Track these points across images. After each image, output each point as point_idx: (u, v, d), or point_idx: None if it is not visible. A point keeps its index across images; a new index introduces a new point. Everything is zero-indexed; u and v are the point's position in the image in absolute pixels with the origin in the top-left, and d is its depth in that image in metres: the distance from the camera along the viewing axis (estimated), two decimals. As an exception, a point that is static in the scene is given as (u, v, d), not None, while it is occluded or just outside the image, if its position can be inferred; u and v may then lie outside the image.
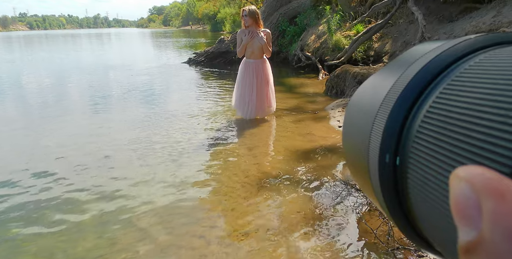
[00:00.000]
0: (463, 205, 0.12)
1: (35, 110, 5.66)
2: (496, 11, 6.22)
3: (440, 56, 0.17)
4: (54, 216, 2.40)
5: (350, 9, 9.47)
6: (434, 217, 0.14)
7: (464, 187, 0.12)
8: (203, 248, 2.03)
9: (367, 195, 0.20)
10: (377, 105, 0.19)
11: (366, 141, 0.19)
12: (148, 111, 5.19)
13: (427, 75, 0.17)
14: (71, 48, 21.78)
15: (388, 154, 0.17)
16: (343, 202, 2.50)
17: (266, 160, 3.37)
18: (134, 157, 3.40)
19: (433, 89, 0.16)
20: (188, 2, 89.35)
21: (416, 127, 0.16)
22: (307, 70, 8.73)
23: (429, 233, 0.16)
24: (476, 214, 0.11)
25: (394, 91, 0.18)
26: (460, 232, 0.12)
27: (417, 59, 0.18)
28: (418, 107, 0.16)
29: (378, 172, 0.18)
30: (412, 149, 0.16)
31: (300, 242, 2.07)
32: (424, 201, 0.15)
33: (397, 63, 0.20)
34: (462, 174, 0.12)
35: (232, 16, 32.23)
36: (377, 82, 0.21)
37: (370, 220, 2.24)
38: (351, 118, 0.23)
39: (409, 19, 7.99)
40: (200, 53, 11.03)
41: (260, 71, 4.41)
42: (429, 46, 0.18)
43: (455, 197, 0.12)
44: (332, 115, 4.69)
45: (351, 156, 0.22)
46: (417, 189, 0.15)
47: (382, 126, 0.18)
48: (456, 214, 0.12)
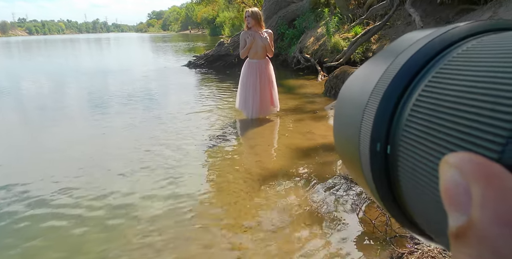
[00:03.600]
0: (452, 191, 0.12)
1: (33, 113, 5.76)
2: (492, 12, 6.32)
3: (429, 44, 0.17)
4: (50, 219, 2.44)
5: (348, 12, 9.58)
6: (425, 203, 0.14)
7: (453, 173, 0.12)
8: (207, 239, 2.10)
9: (359, 184, 0.21)
10: (367, 94, 0.19)
11: (357, 130, 0.19)
12: (152, 112, 5.27)
13: (416, 63, 0.17)
14: (70, 53, 21.89)
15: (379, 142, 0.17)
16: (343, 196, 2.57)
17: (268, 157, 3.45)
18: (137, 153, 3.47)
19: (422, 77, 0.16)
20: (187, 6, 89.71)
21: (406, 115, 0.16)
22: (306, 72, 8.82)
23: (420, 219, 0.16)
24: (466, 200, 0.12)
25: (383, 80, 0.18)
26: (450, 218, 0.12)
27: (406, 48, 0.18)
28: (407, 96, 0.17)
29: (369, 161, 0.18)
30: (403, 137, 0.16)
31: (301, 233, 2.14)
32: (415, 188, 0.15)
33: (386, 53, 0.20)
34: (451, 160, 0.12)
35: (231, 20, 32.36)
36: (367, 71, 0.21)
37: (369, 211, 2.31)
38: (341, 108, 0.23)
39: (406, 21, 8.10)
40: (200, 56, 11.12)
41: (263, 71, 4.50)
42: (418, 35, 0.18)
43: (445, 183, 0.12)
44: (331, 114, 4.77)
45: (342, 146, 0.22)
46: (408, 176, 0.15)
47: (372, 115, 0.18)
48: (446, 200, 0.12)
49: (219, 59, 10.63)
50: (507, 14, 5.94)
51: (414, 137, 0.15)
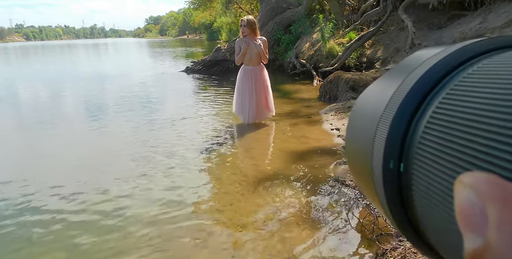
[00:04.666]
0: (468, 212, 0.12)
1: (31, 119, 5.85)
2: (482, 18, 6.48)
3: (442, 61, 0.17)
4: (45, 222, 2.52)
5: (343, 18, 9.76)
6: (440, 224, 0.14)
7: (469, 194, 0.12)
8: (204, 238, 2.20)
9: (371, 201, 0.20)
10: (380, 111, 0.19)
11: (370, 145, 0.19)
12: (150, 117, 5.38)
13: (429, 81, 0.17)
14: (68, 59, 22.00)
15: (392, 160, 0.17)
16: (334, 197, 2.69)
17: (263, 160, 3.56)
18: (135, 157, 3.57)
19: (436, 94, 0.16)
20: (184, 11, 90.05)
21: (420, 133, 0.16)
22: (302, 77, 8.95)
23: (434, 240, 0.16)
24: (482, 221, 0.11)
25: (397, 97, 0.18)
26: (466, 239, 0.12)
27: (419, 65, 0.18)
28: (421, 113, 0.16)
29: (382, 179, 0.17)
30: (416, 155, 0.15)
31: (293, 232, 2.25)
32: (429, 208, 0.15)
33: (399, 69, 0.20)
34: (466, 180, 0.12)
35: (228, 25, 32.56)
36: (380, 88, 0.21)
37: (357, 212, 2.43)
38: (354, 124, 0.22)
39: (399, 27, 8.26)
40: (197, 62, 11.27)
41: (258, 77, 4.64)
42: (430, 52, 0.18)
43: (460, 203, 0.12)
44: (325, 119, 4.89)
45: (355, 162, 0.22)
46: (422, 195, 0.15)
47: (385, 132, 0.17)
48: (462, 221, 0.12)
49: (217, 65, 10.76)
50: (496, 20, 6.09)
51: (428, 155, 0.15)
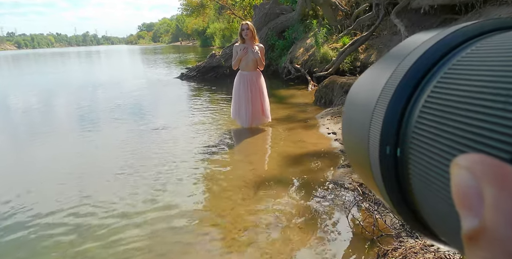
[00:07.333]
0: (464, 193, 0.12)
1: (23, 127, 5.87)
2: (472, 21, 6.58)
3: (436, 45, 0.17)
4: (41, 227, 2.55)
5: (336, 23, 9.86)
6: (437, 206, 0.14)
7: (465, 175, 0.12)
8: (206, 242, 2.22)
9: (370, 188, 0.21)
10: (375, 97, 0.19)
11: (366, 133, 0.19)
12: (146, 123, 5.38)
13: (424, 65, 0.17)
14: (60, 67, 21.93)
15: (389, 145, 0.17)
16: (333, 200, 2.72)
17: (262, 165, 3.59)
18: (132, 163, 3.58)
19: (430, 78, 0.16)
20: (177, 18, 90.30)
21: (415, 117, 0.16)
22: (296, 82, 9.02)
23: (432, 223, 0.16)
24: (478, 202, 0.11)
25: (391, 83, 0.18)
26: (463, 220, 0.12)
27: (413, 50, 0.18)
28: (416, 98, 0.16)
29: (379, 164, 0.18)
30: (412, 139, 0.16)
31: (294, 235, 2.27)
32: (427, 191, 0.15)
33: (393, 55, 0.20)
34: (462, 162, 0.12)
35: (222, 31, 32.72)
36: (374, 74, 0.21)
37: (357, 214, 2.46)
38: (349, 113, 0.22)
39: (392, 31, 8.36)
40: (192, 68, 11.31)
41: (254, 82, 4.69)
42: (424, 36, 0.18)
43: (456, 185, 0.12)
44: (321, 123, 4.93)
45: (352, 150, 0.22)
46: (419, 179, 0.15)
47: (381, 118, 0.17)
48: (458, 202, 0.12)
49: (211, 71, 10.81)
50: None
51: (424, 139, 0.15)
